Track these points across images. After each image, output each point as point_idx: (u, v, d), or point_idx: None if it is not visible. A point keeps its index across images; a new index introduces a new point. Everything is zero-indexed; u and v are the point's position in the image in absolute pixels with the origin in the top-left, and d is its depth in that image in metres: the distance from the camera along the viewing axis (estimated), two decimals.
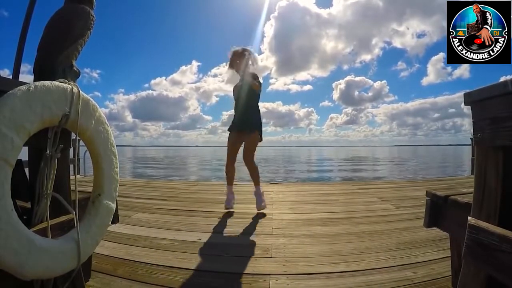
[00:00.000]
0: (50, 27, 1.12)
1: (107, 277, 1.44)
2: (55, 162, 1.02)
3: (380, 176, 12.14)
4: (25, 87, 0.85)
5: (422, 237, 1.96)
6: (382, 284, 1.36)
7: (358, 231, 2.18)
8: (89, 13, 1.20)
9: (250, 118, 2.91)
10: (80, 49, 1.18)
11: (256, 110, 2.96)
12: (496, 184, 0.85)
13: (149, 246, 1.87)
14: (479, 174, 0.91)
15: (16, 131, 0.80)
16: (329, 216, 2.66)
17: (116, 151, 1.23)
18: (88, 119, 1.09)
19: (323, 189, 4.42)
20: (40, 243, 0.87)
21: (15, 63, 1.25)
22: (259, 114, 2.98)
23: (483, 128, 0.89)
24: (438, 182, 4.95)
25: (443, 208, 1.21)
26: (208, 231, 2.22)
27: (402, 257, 1.65)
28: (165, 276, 1.45)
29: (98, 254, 1.63)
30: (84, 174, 5.79)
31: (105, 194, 1.16)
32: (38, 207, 0.98)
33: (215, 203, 3.25)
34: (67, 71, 1.10)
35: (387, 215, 2.66)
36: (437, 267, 1.50)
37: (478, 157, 0.92)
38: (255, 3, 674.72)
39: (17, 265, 0.79)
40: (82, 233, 1.01)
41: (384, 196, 3.57)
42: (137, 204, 3.14)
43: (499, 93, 0.81)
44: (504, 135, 0.81)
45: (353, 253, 1.74)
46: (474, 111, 0.93)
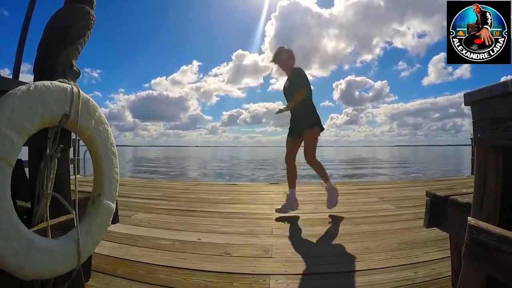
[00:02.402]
0: (50, 27, 1.12)
1: (107, 277, 1.44)
2: (55, 162, 1.02)
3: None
4: (25, 87, 0.85)
5: (423, 237, 1.97)
6: (383, 284, 1.36)
7: (359, 231, 2.19)
8: (89, 12, 1.20)
9: (299, 120, 2.84)
10: (80, 49, 1.18)
11: (304, 109, 2.82)
12: (496, 184, 0.85)
13: (149, 246, 1.87)
14: (479, 174, 0.91)
15: (16, 131, 0.80)
16: (330, 216, 2.66)
17: (116, 151, 1.23)
18: (88, 119, 1.09)
19: (323, 189, 4.42)
20: (40, 243, 0.87)
21: (15, 63, 1.25)
22: (308, 111, 2.83)
23: (483, 128, 0.89)
24: (438, 182, 4.94)
25: (443, 208, 1.21)
26: (208, 231, 2.22)
27: (403, 257, 1.66)
28: (165, 276, 1.45)
29: (98, 254, 1.63)
30: (84, 174, 5.79)
31: (105, 194, 1.16)
32: (38, 207, 0.97)
33: (215, 203, 3.26)
34: (67, 71, 1.10)
35: (388, 215, 2.66)
36: (437, 267, 1.50)
37: (478, 157, 0.92)
38: (256, 2, 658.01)
39: (17, 265, 0.79)
40: (82, 233, 1.01)
41: (385, 196, 3.58)
42: (137, 204, 3.14)
43: (499, 93, 0.81)
44: (504, 135, 0.81)
45: (354, 253, 1.75)
46: (474, 111, 0.93)
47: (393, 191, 4.03)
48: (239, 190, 4.32)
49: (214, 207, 3.06)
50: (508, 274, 0.74)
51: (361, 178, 12.43)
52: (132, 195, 3.68)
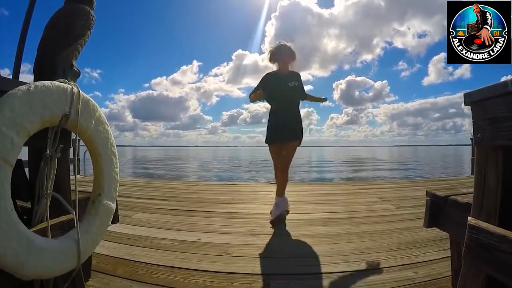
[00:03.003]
0: (50, 27, 1.13)
1: (107, 277, 1.45)
2: (55, 162, 1.02)
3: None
4: (25, 87, 0.85)
5: (422, 237, 1.97)
6: (383, 284, 1.37)
7: (359, 231, 2.19)
8: (89, 13, 1.20)
9: (297, 128, 2.69)
10: (80, 49, 1.18)
11: (300, 117, 2.70)
12: (496, 184, 0.85)
13: (149, 246, 1.88)
14: (479, 174, 0.91)
15: (16, 131, 0.80)
16: (330, 216, 2.66)
17: (116, 151, 1.23)
18: (88, 119, 1.09)
19: (323, 189, 4.43)
20: (40, 243, 0.87)
21: (15, 62, 1.25)
22: (300, 120, 2.69)
23: (483, 128, 0.89)
24: (438, 182, 4.95)
25: (443, 208, 1.21)
26: (208, 231, 2.22)
27: (403, 257, 1.66)
28: (165, 276, 1.46)
29: (98, 254, 1.64)
30: (84, 174, 5.80)
31: (105, 194, 1.16)
32: (38, 207, 0.98)
33: (215, 203, 3.27)
34: (67, 71, 1.11)
35: (388, 215, 2.67)
36: (437, 267, 1.51)
37: (478, 157, 0.92)
38: (256, 2, 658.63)
39: (17, 264, 0.79)
40: (82, 233, 1.02)
41: (385, 196, 3.58)
42: (137, 204, 3.15)
43: (499, 93, 0.81)
44: (504, 135, 0.81)
45: (353, 253, 1.75)
46: (474, 111, 0.93)
47: (393, 191, 4.04)
48: (239, 190, 4.32)
49: (214, 207, 3.06)
50: (508, 274, 0.74)
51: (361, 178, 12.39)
52: (132, 195, 3.69)
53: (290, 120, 2.60)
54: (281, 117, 2.61)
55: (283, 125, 2.57)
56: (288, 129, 2.56)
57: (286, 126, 2.56)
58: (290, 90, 2.58)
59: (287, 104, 2.62)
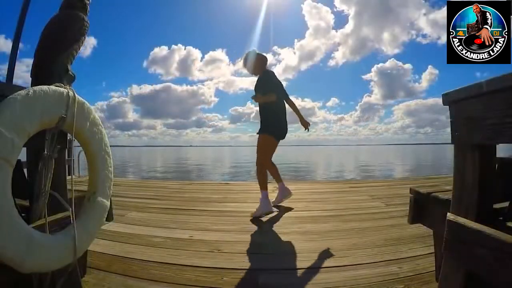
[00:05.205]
0: (46, 33, 1.17)
1: (102, 273, 1.49)
2: (52, 162, 1.07)
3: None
4: (25, 91, 0.90)
5: (409, 233, 2.02)
6: (368, 278, 1.41)
7: (348, 228, 2.25)
8: (83, 19, 1.25)
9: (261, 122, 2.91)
10: (75, 54, 1.23)
11: (265, 113, 2.88)
12: (473, 181, 0.89)
13: (143, 244, 1.92)
14: (458, 172, 0.95)
15: (17, 132, 0.85)
16: (320, 214, 2.72)
17: (110, 151, 1.28)
18: (83, 121, 1.14)
19: (315, 187, 4.49)
20: (38, 239, 0.91)
21: (9, 64, 1.29)
22: (269, 116, 2.86)
23: (460, 127, 0.93)
24: (427, 180, 5.03)
25: (426, 204, 1.26)
26: (200, 229, 2.27)
27: (389, 253, 1.71)
28: (158, 272, 1.50)
29: (94, 252, 1.67)
30: (79, 175, 5.78)
31: (100, 192, 1.21)
32: (37, 204, 1.02)
33: (208, 202, 3.31)
34: (63, 76, 1.15)
35: (377, 213, 2.73)
36: (422, 263, 1.55)
37: (456, 155, 0.96)
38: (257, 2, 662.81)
39: (17, 259, 0.84)
40: (78, 229, 1.06)
41: (375, 194, 3.65)
42: (131, 204, 3.18)
43: (474, 93, 0.85)
44: (480, 134, 0.85)
45: (341, 249, 1.80)
46: (452, 111, 0.97)
47: (384, 189, 4.12)
48: (232, 189, 4.36)
49: (206, 206, 3.11)
50: (485, 267, 0.77)
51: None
52: (127, 195, 3.72)
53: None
54: (284, 116, 2.93)
55: (286, 123, 2.93)
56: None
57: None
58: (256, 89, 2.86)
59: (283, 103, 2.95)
